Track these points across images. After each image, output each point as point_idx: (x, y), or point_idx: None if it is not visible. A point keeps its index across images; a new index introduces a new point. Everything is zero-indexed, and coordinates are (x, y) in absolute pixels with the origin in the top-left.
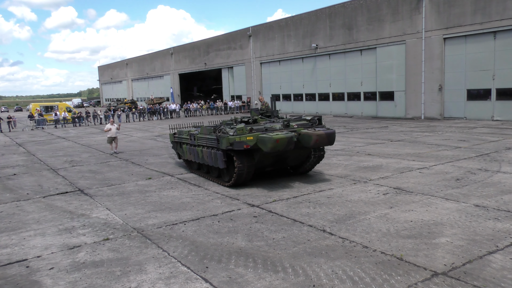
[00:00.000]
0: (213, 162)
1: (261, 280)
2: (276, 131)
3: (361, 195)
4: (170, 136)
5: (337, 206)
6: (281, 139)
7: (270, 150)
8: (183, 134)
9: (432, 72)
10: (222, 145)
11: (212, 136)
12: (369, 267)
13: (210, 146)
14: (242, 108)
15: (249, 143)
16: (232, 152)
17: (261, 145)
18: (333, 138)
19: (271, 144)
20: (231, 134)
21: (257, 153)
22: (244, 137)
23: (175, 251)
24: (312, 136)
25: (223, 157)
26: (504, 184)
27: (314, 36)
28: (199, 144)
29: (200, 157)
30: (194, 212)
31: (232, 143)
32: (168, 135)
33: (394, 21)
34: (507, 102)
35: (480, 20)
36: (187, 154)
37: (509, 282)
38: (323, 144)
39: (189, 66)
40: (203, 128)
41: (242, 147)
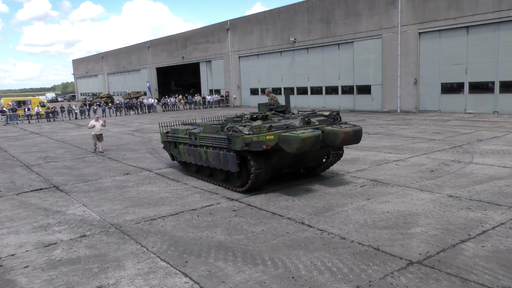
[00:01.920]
0: (222, 165)
1: (240, 273)
2: (298, 129)
3: (339, 187)
4: (162, 135)
5: (315, 199)
6: (308, 138)
7: (296, 150)
8: (179, 132)
9: (408, 66)
10: (235, 145)
11: (220, 135)
12: (347, 258)
13: (217, 146)
14: (221, 102)
15: (269, 143)
16: (248, 154)
17: (284, 145)
18: (360, 135)
19: (297, 144)
20: (247, 133)
21: (276, 154)
22: (263, 136)
23: (154, 246)
24: (338, 134)
25: (236, 159)
26: (476, 175)
27: (292, 30)
28: (202, 144)
29: (203, 159)
30: (173, 207)
31: (249, 143)
32: (146, 130)
33: (371, 15)
34: (478, 95)
35: (454, 15)
36: (185, 156)
37: (480, 269)
38: (350, 142)
39: (166, 59)
40: (207, 126)
41: (260, 148)
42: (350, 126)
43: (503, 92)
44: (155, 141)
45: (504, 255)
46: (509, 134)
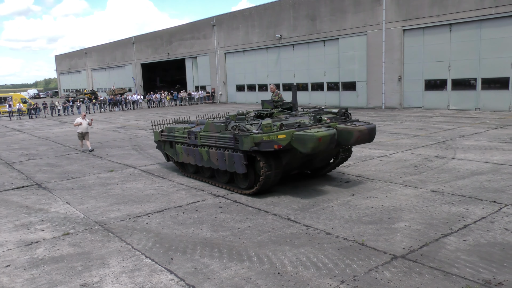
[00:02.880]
0: (227, 166)
1: (226, 270)
2: (310, 127)
3: (325, 183)
4: (155, 135)
5: (301, 195)
6: (323, 137)
7: (311, 150)
8: (176, 131)
9: (392, 63)
10: (243, 145)
11: (225, 134)
12: (332, 253)
13: (222, 146)
14: (207, 99)
15: (281, 142)
16: (257, 154)
17: (298, 145)
18: (374, 134)
19: (313, 143)
20: (256, 132)
21: (286, 154)
22: (275, 136)
23: (139, 243)
24: (353, 132)
25: (244, 160)
26: (458, 170)
27: (278, 27)
28: (203, 144)
29: (204, 160)
30: (158, 204)
31: (258, 143)
32: (130, 127)
33: (356, 12)
34: (461, 92)
35: (437, 13)
36: (182, 156)
37: (462, 262)
38: (364, 141)
39: (151, 55)
40: (208, 124)
41: (271, 148)
42: (363, 123)
43: (484, 89)
44: (140, 138)
45: (485, 249)
46: (490, 130)
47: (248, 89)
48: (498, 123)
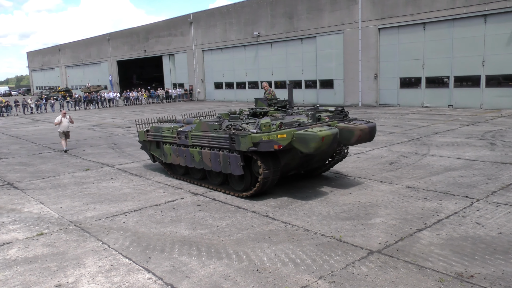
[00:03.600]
0: (222, 167)
1: (205, 268)
2: (311, 126)
3: (303, 180)
4: (140, 134)
5: (280, 192)
6: (326, 137)
7: (314, 150)
8: (163, 131)
9: (368, 61)
10: (240, 145)
11: (220, 134)
12: (310, 249)
13: (216, 146)
14: (185, 96)
15: (281, 142)
16: (255, 155)
17: (299, 145)
18: (374, 132)
19: (316, 143)
20: (254, 132)
21: (285, 155)
22: (274, 135)
23: (115, 243)
24: (354, 131)
25: (241, 161)
26: (432, 166)
27: (256, 24)
28: (194, 144)
29: (196, 161)
30: (135, 203)
31: (257, 143)
32: (106, 125)
33: (333, 10)
34: (435, 89)
35: (411, 12)
36: (171, 157)
37: (435, 256)
38: (365, 140)
39: (127, 53)
40: (201, 124)
41: (271, 148)
42: (364, 122)
43: (457, 87)
44: (116, 136)
45: (457, 242)
46: (463, 127)
47: (226, 87)
48: (470, 120)
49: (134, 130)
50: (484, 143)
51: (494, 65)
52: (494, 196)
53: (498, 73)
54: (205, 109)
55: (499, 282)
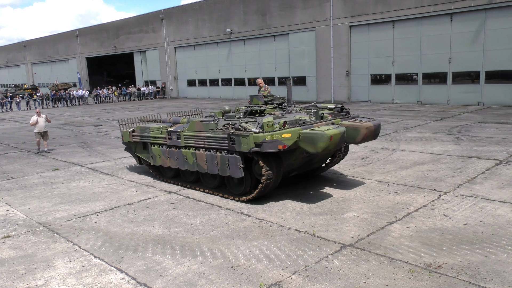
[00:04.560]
0: (220, 169)
1: (179, 266)
2: (316, 125)
3: None
4: (125, 135)
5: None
6: (334, 136)
7: (321, 150)
8: (151, 131)
9: (340, 58)
10: (240, 146)
11: (217, 134)
12: (285, 244)
13: (212, 147)
14: (157, 94)
15: (286, 142)
16: (257, 156)
17: (306, 145)
18: (379, 130)
19: (324, 143)
20: (256, 131)
21: (288, 155)
22: (278, 135)
23: (87, 243)
24: (360, 129)
25: (241, 163)
26: (402, 161)
27: (229, 21)
28: (188, 145)
29: (189, 163)
30: (107, 202)
31: (260, 144)
32: (76, 123)
33: (305, 8)
34: (404, 86)
35: (381, 10)
36: (160, 159)
37: (405, 248)
38: (370, 138)
39: (97, 49)
40: (194, 123)
41: (275, 149)
42: (368, 119)
43: (425, 84)
44: (86, 135)
45: (426, 234)
46: (431, 123)
47: (199, 84)
48: (438, 116)
49: (105, 128)
50: (450, 138)
51: (460, 62)
52: (460, 188)
53: (464, 70)
54: (178, 107)
55: (465, 272)
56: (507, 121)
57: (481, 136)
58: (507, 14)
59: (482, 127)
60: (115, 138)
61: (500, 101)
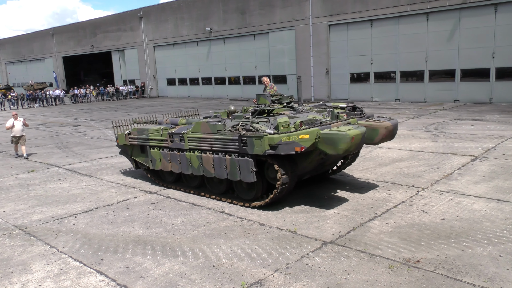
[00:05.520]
0: (230, 174)
1: (160, 267)
2: (334, 125)
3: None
4: (120, 137)
5: None
6: (356, 136)
7: (343, 152)
8: (150, 133)
9: (320, 57)
10: (253, 148)
11: (227, 136)
12: (266, 243)
13: (221, 150)
14: (136, 93)
15: (303, 143)
16: (271, 159)
17: (325, 146)
18: (396, 130)
19: (345, 144)
20: (271, 132)
21: (304, 157)
22: (295, 136)
23: (65, 246)
24: (379, 129)
25: (254, 167)
26: (381, 158)
27: (208, 20)
28: (192, 148)
29: (194, 167)
30: (86, 204)
31: (275, 146)
32: (53, 124)
33: (285, 7)
34: (383, 84)
35: (360, 9)
36: (160, 163)
37: (385, 244)
38: (387, 139)
39: (74, 48)
40: (200, 124)
41: (292, 151)
42: (385, 118)
43: (403, 82)
44: (63, 135)
45: (405, 230)
46: (409, 120)
47: (179, 83)
48: (415, 113)
49: (83, 128)
50: (428, 135)
51: (436, 60)
52: (437, 184)
53: (440, 68)
54: (158, 106)
55: (442, 266)
56: (482, 118)
57: (457, 132)
58: (481, 14)
59: (457, 124)
60: (93, 139)
61: (475, 99)
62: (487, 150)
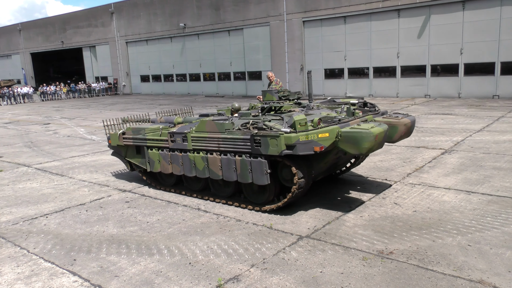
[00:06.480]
0: (240, 176)
1: (135, 265)
2: (352, 122)
3: None
4: (113, 138)
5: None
6: (379, 135)
7: (366, 151)
8: (147, 133)
9: (294, 53)
10: (268, 148)
11: (237, 135)
12: (243, 238)
13: (230, 151)
14: (109, 90)
15: (323, 143)
16: (288, 160)
17: (347, 145)
18: (413, 127)
19: (369, 142)
20: (287, 131)
21: (321, 157)
22: (314, 135)
23: (36, 247)
24: (398, 127)
25: (267, 168)
26: None
27: (182, 16)
28: (196, 148)
29: (199, 169)
30: (57, 203)
31: (293, 145)
32: (22, 122)
33: (259, 3)
34: (356, 80)
35: (333, 5)
36: (160, 165)
37: (359, 236)
38: (405, 136)
39: (42, 44)
40: (205, 123)
41: (310, 151)
42: (403, 115)
43: (376, 77)
44: (33, 134)
45: (378, 222)
46: None
47: (153, 80)
48: (388, 108)
49: (53, 126)
50: None
51: (408, 56)
52: (409, 177)
53: (411, 64)
54: (132, 103)
55: (414, 256)
56: (451, 112)
57: (428, 127)
58: (449, 10)
59: (428, 118)
60: (64, 137)
61: (445, 93)
62: (456, 143)
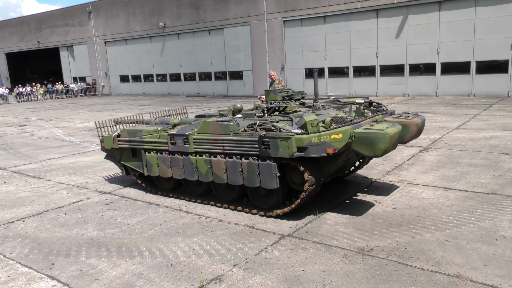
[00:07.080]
0: (246, 179)
1: (116, 268)
2: (364, 122)
3: None
4: (107, 140)
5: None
6: (394, 135)
7: (381, 153)
8: (144, 135)
9: (275, 53)
10: (278, 151)
11: (243, 137)
12: (225, 239)
13: (236, 153)
14: (87, 91)
15: (336, 144)
16: (297, 162)
17: (361, 147)
18: (423, 128)
19: (385, 143)
20: (298, 132)
21: (332, 160)
22: (327, 136)
23: (12, 252)
24: (409, 127)
25: (277, 171)
26: None
27: (161, 15)
28: (199, 151)
29: (202, 173)
30: (34, 207)
31: (305, 147)
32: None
33: (239, 2)
34: (337, 79)
35: (313, 5)
36: (158, 168)
37: (340, 234)
38: (415, 137)
39: (17, 44)
40: (208, 124)
41: (323, 153)
42: (413, 115)
43: (356, 76)
44: (9, 136)
45: (359, 220)
46: None
47: (133, 80)
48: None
49: (30, 128)
50: None
51: (386, 56)
52: (389, 175)
53: (390, 63)
54: (111, 104)
55: (394, 252)
56: (429, 110)
57: None
58: (426, 10)
59: None
60: (41, 139)
61: (422, 92)
62: (434, 141)
